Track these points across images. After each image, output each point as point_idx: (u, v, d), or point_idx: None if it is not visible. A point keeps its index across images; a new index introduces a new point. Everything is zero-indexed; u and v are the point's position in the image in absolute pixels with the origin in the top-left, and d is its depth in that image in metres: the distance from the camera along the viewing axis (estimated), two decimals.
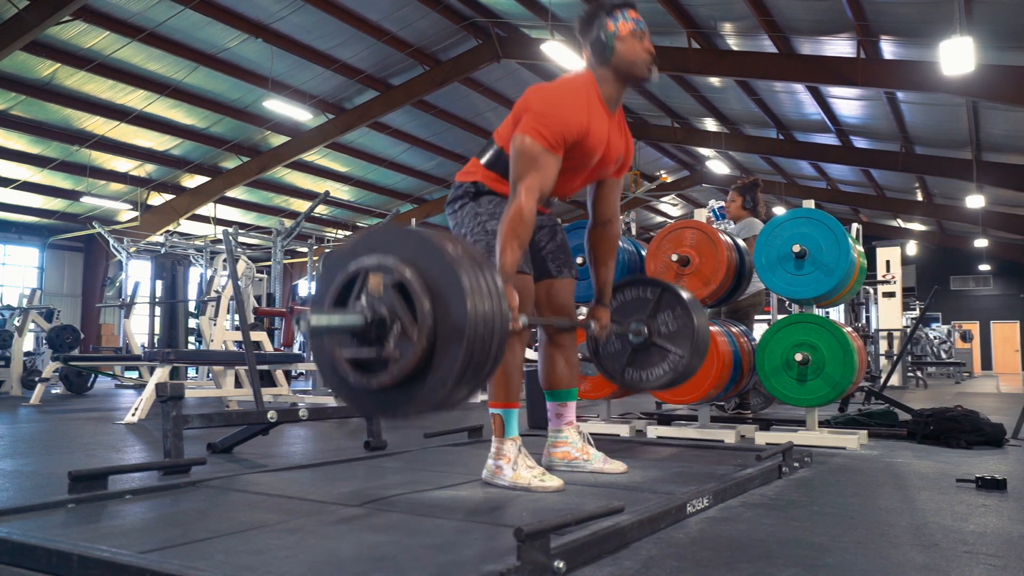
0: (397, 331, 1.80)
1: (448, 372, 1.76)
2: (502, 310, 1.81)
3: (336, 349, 1.88)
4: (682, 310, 2.98)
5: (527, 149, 2.41)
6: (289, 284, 18.83)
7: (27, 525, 1.93)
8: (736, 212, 5.12)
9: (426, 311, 1.76)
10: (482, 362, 1.79)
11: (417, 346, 1.76)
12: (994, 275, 25.18)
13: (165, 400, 3.04)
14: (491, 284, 1.80)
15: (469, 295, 1.74)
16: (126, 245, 13.20)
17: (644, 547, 1.76)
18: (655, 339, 3.05)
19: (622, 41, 2.56)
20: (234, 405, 6.43)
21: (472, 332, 1.74)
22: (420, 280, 1.79)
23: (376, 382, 1.83)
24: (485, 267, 1.83)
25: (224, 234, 5.26)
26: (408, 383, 1.81)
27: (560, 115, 2.43)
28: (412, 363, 1.77)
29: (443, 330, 1.77)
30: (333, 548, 1.73)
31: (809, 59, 11.72)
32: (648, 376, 3.08)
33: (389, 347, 1.80)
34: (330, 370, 1.94)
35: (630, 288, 3.11)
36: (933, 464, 3.23)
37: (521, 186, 2.39)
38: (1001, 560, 1.70)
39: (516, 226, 2.36)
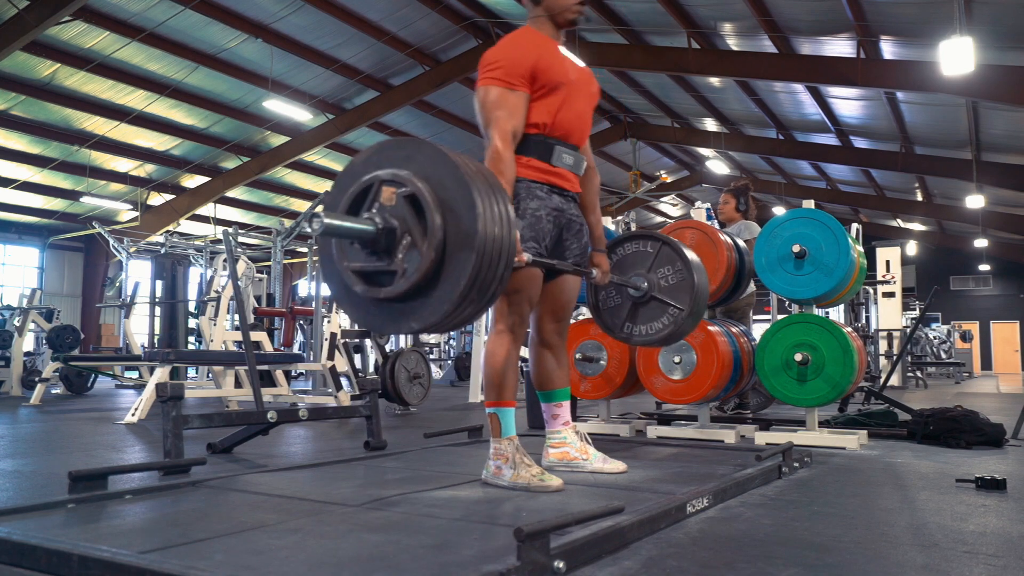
0: (407, 243, 1.79)
1: (455, 286, 1.75)
2: (511, 236, 1.81)
3: (344, 259, 1.87)
4: (682, 263, 2.99)
5: (489, 95, 2.49)
6: (289, 284, 18.83)
7: (27, 525, 1.93)
8: (730, 214, 5.13)
9: (437, 224, 1.76)
10: (488, 281, 1.79)
11: (426, 258, 1.76)
12: (994, 275, 25.18)
13: (165, 400, 3.04)
14: (503, 211, 1.81)
15: (481, 213, 1.74)
16: (126, 245, 13.18)
17: (644, 547, 1.76)
18: (655, 293, 3.04)
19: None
20: (234, 405, 6.43)
21: (481, 248, 1.73)
22: (433, 194, 1.78)
23: (383, 293, 1.82)
24: (499, 193, 1.83)
25: (224, 234, 5.26)
26: (414, 295, 1.80)
27: (505, 55, 2.52)
28: (420, 275, 1.76)
29: (453, 244, 1.76)
30: (333, 548, 1.73)
31: (809, 59, 11.72)
32: (648, 330, 3.07)
33: (398, 258, 1.79)
34: (337, 280, 1.93)
35: (630, 242, 3.10)
36: (933, 464, 3.24)
37: (492, 130, 2.45)
38: (1001, 560, 1.70)
39: (497, 167, 2.42)
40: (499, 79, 2.48)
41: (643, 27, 12.09)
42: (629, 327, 3.11)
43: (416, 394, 6.70)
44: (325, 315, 7.21)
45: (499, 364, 2.53)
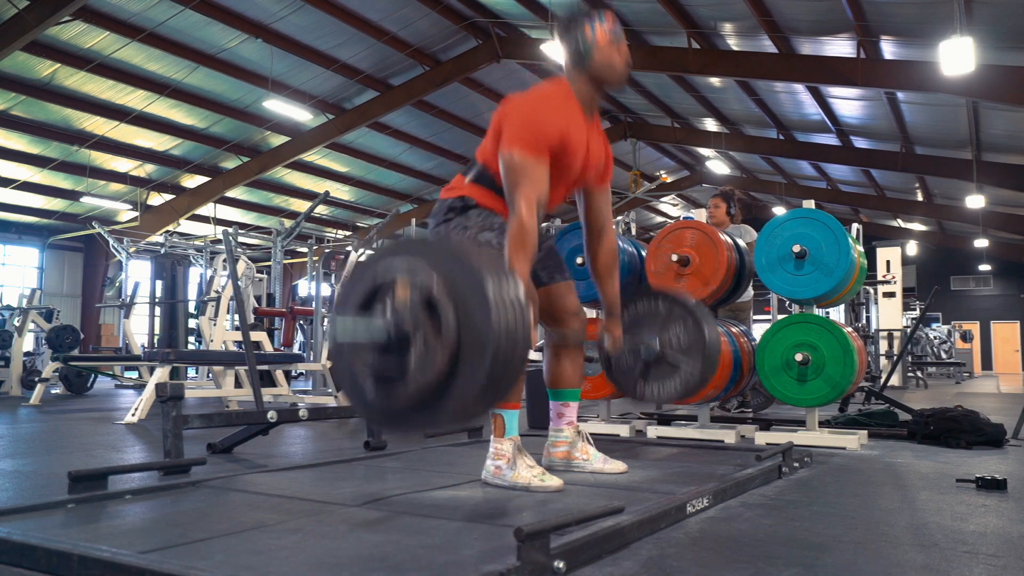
0: (420, 343, 1.77)
1: (470, 387, 1.74)
2: (525, 324, 1.79)
3: (357, 360, 1.85)
4: (693, 323, 2.99)
5: (516, 162, 2.43)
6: (289, 284, 18.82)
7: (27, 525, 1.93)
8: (720, 218, 5.16)
9: (450, 324, 1.74)
10: (503, 378, 1.77)
11: (440, 360, 1.74)
12: (994, 275, 25.17)
13: (165, 400, 3.04)
14: (515, 298, 1.78)
15: (494, 308, 1.72)
16: (126, 245, 13.19)
17: (644, 547, 1.76)
18: (667, 353, 3.06)
19: (600, 50, 2.60)
20: (234, 405, 6.43)
21: (496, 347, 1.72)
22: (446, 292, 1.76)
23: (396, 395, 1.80)
24: (511, 282, 1.81)
25: (224, 234, 5.26)
26: (429, 396, 1.78)
27: (539, 122, 2.47)
28: (434, 377, 1.75)
29: (467, 344, 1.74)
30: (333, 548, 1.73)
31: (809, 59, 11.72)
32: (661, 389, 3.09)
33: (411, 359, 1.78)
34: (350, 381, 1.91)
35: (641, 300, 3.12)
36: (933, 464, 3.23)
37: (518, 199, 2.41)
38: (1001, 560, 1.70)
39: (522, 239, 2.37)
40: (529, 147, 2.44)
41: (643, 27, 12.09)
42: (642, 386, 3.13)
43: None
44: (325, 315, 7.21)
45: None
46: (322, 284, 8.50)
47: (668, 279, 4.10)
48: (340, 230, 20.35)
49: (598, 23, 2.60)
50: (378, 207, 20.27)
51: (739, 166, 20.38)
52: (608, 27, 2.61)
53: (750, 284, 4.92)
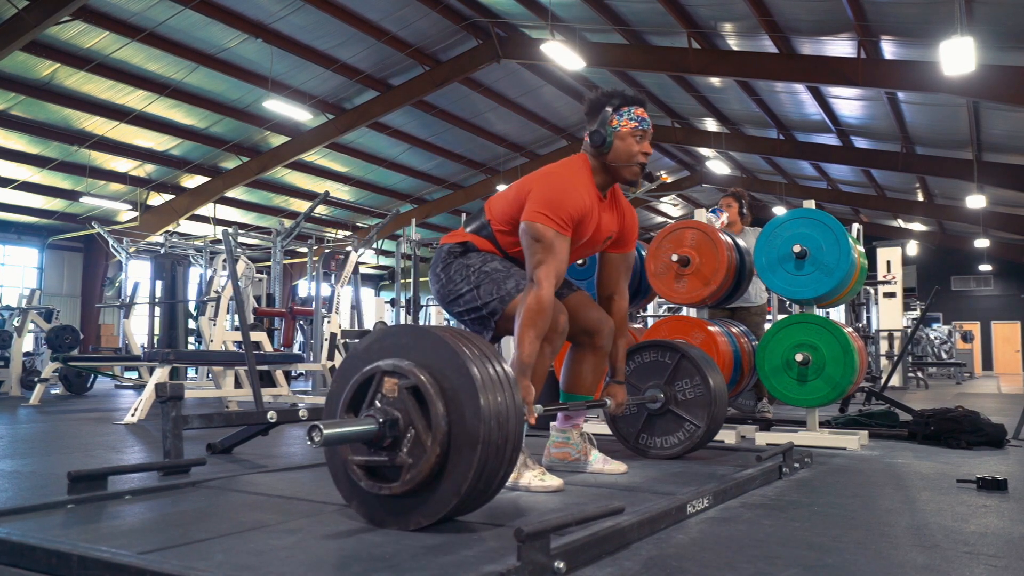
0: (411, 436, 1.80)
1: (462, 480, 1.76)
2: (516, 405, 1.82)
3: (349, 451, 1.88)
4: (700, 379, 3.00)
5: (540, 235, 2.44)
6: (289, 284, 18.82)
7: (27, 525, 1.93)
8: (733, 218, 5.15)
9: (440, 416, 1.76)
10: (496, 468, 1.80)
11: (431, 453, 1.76)
12: (995, 275, 25.17)
13: (165, 400, 3.04)
14: (503, 376, 1.82)
15: (483, 404, 1.74)
16: (126, 245, 13.18)
17: (644, 547, 1.76)
18: (672, 407, 3.06)
19: (621, 139, 2.60)
20: (234, 405, 6.43)
21: (487, 439, 1.74)
22: (435, 384, 1.79)
23: (388, 489, 1.82)
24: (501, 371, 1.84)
25: (224, 234, 5.26)
26: (420, 490, 1.80)
27: (566, 199, 2.48)
28: (426, 470, 1.77)
29: (457, 436, 1.77)
30: (333, 548, 1.73)
31: (809, 59, 11.72)
32: (662, 444, 3.12)
33: (402, 453, 1.80)
34: (343, 473, 1.93)
35: (648, 351, 3.12)
36: (934, 465, 3.23)
37: (539, 273, 2.42)
38: (1002, 561, 1.70)
39: (535, 316, 2.38)
40: (556, 223, 2.46)
41: (643, 27, 12.09)
42: (645, 439, 3.14)
43: None
44: (325, 315, 7.21)
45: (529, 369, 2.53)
46: (322, 284, 8.50)
47: (668, 279, 4.10)
48: (340, 230, 20.35)
49: (626, 113, 2.59)
50: (378, 207, 20.27)
51: (739, 166, 20.38)
52: (636, 118, 2.59)
53: (765, 288, 4.93)
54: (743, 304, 4.95)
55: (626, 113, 2.59)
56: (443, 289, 2.67)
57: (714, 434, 3.05)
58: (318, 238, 12.21)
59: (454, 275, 2.64)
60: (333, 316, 7.01)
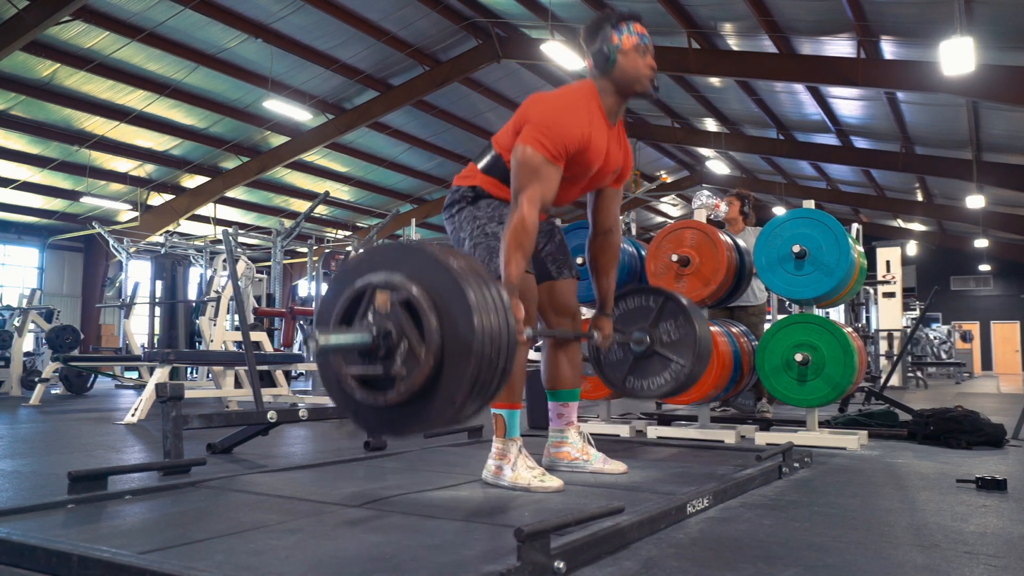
0: (404, 348, 1.79)
1: (456, 389, 1.75)
2: (509, 325, 1.80)
3: (342, 366, 1.87)
4: (684, 319, 2.98)
5: (529, 160, 2.41)
6: (289, 284, 18.82)
7: (27, 525, 1.93)
8: (734, 215, 5.15)
9: (433, 328, 1.75)
10: (489, 379, 1.79)
11: (424, 364, 1.76)
12: (994, 275, 25.17)
13: (165, 400, 3.04)
14: (497, 298, 1.79)
15: (476, 311, 1.73)
16: (126, 245, 13.19)
17: (644, 547, 1.76)
18: (657, 348, 3.05)
19: (624, 55, 2.56)
20: (234, 405, 6.43)
21: (480, 348, 1.73)
22: (427, 297, 1.78)
23: (383, 399, 1.82)
24: (491, 281, 1.82)
25: (224, 234, 5.26)
26: (415, 401, 1.80)
27: (562, 126, 2.43)
28: (419, 381, 1.76)
29: (451, 347, 1.76)
30: (333, 548, 1.73)
31: (809, 59, 11.72)
32: (650, 385, 3.09)
33: (396, 364, 1.79)
34: (336, 387, 1.93)
35: (633, 296, 3.11)
36: (933, 464, 3.23)
37: (523, 197, 2.39)
38: (1001, 560, 1.70)
39: (519, 236, 2.36)
40: (546, 148, 2.40)
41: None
42: (631, 381, 3.12)
43: None
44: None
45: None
46: (322, 284, 8.50)
47: (668, 279, 4.10)
48: (340, 230, 20.35)
49: (625, 29, 2.57)
50: (378, 207, 20.27)
51: (739, 166, 20.38)
52: (636, 33, 2.58)
53: (764, 288, 4.93)
54: (742, 304, 4.95)
55: (626, 29, 2.57)
56: (453, 234, 2.69)
57: (700, 374, 3.01)
58: (318, 238, 12.24)
59: (463, 223, 2.63)
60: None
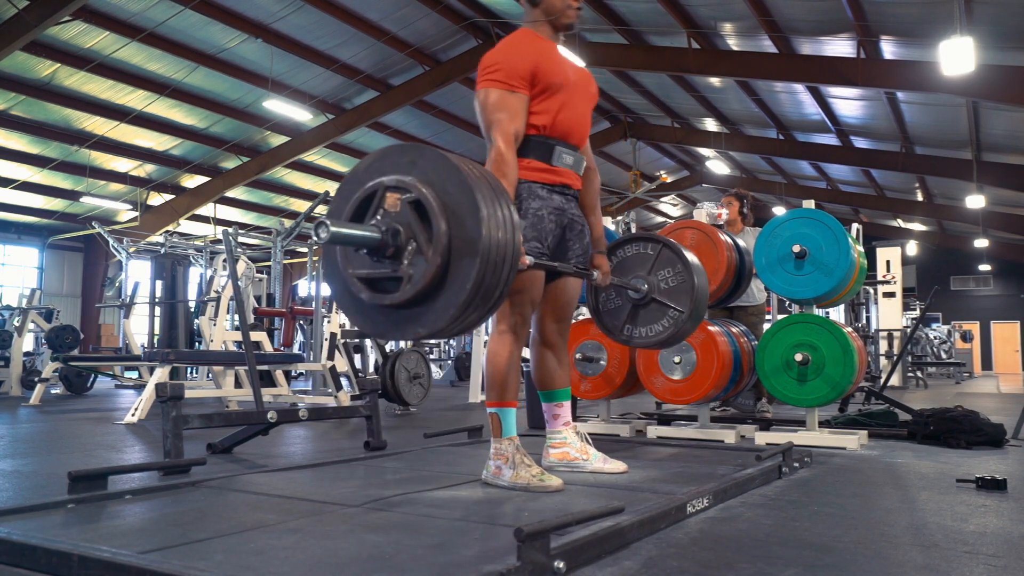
0: (412, 249, 1.80)
1: (460, 291, 1.77)
2: (515, 239, 1.82)
3: (349, 266, 1.89)
4: (682, 266, 2.98)
5: (490, 98, 2.50)
6: (289, 284, 18.83)
7: (27, 525, 1.93)
8: (733, 216, 5.16)
9: (442, 230, 1.77)
10: (492, 286, 1.80)
11: (431, 264, 1.77)
12: (994, 275, 25.17)
13: (165, 400, 3.04)
14: (506, 216, 1.82)
15: (485, 218, 1.75)
16: (126, 245, 13.19)
17: (644, 547, 1.76)
18: (655, 295, 3.04)
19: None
20: (234, 405, 6.43)
21: (485, 253, 1.75)
22: (437, 199, 1.79)
23: (389, 299, 1.83)
24: (502, 197, 1.84)
25: (224, 234, 5.26)
26: (420, 301, 1.81)
27: (504, 57, 2.54)
28: (426, 281, 1.78)
29: (457, 250, 1.78)
30: (333, 548, 1.73)
31: (809, 59, 11.72)
32: (648, 332, 3.07)
33: (403, 264, 1.80)
34: (342, 286, 1.94)
35: (630, 244, 3.10)
36: (933, 464, 3.23)
37: (494, 132, 2.47)
38: (1001, 560, 1.70)
39: (501, 169, 2.43)
40: (499, 81, 2.50)
41: (643, 27, 12.09)
42: (629, 329, 3.10)
43: (416, 394, 6.70)
44: (325, 315, 7.21)
45: (502, 364, 2.53)
46: (322, 284, 8.49)
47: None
48: None
49: None
50: None
51: (739, 166, 20.38)
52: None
53: (764, 288, 4.93)
54: (742, 304, 4.95)
55: None
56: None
57: (699, 320, 3.00)
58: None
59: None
60: (333, 316, 7.01)
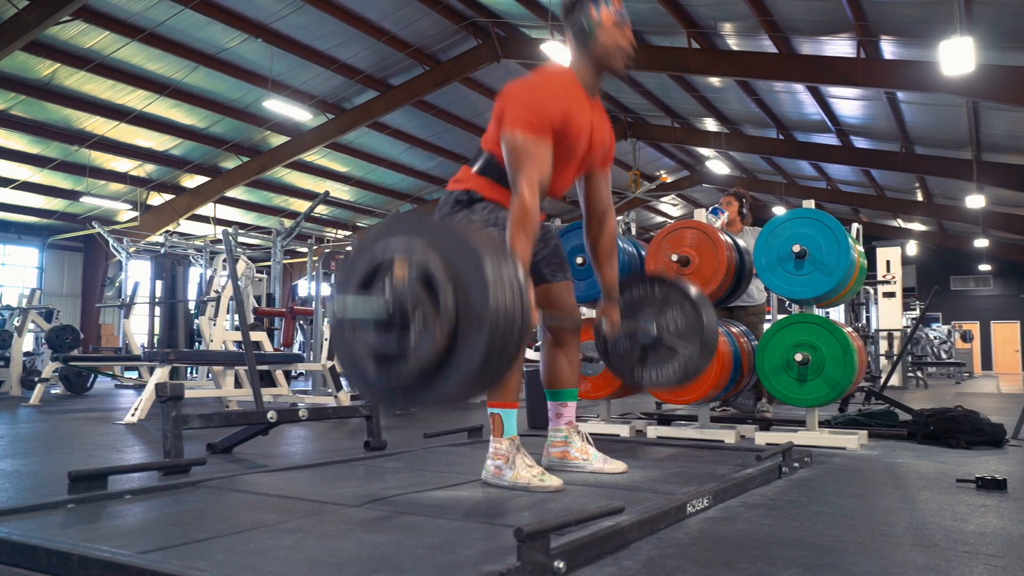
0: (419, 321, 1.79)
1: (469, 364, 1.75)
2: (523, 304, 1.79)
3: (357, 337, 1.87)
4: (691, 307, 2.97)
5: (518, 142, 2.43)
6: (289, 284, 18.83)
7: (27, 525, 1.93)
8: (733, 216, 5.15)
9: (449, 302, 1.75)
10: (502, 356, 1.78)
11: (438, 338, 1.75)
12: (994, 275, 25.17)
13: (165, 400, 3.04)
14: (513, 278, 1.79)
15: (492, 287, 1.73)
16: (126, 245, 13.19)
17: (644, 547, 1.76)
18: (664, 337, 3.03)
19: (603, 30, 2.58)
20: (234, 405, 6.43)
21: (494, 325, 1.73)
22: (445, 270, 1.78)
23: (395, 372, 1.82)
24: (509, 261, 1.82)
25: (224, 234, 5.26)
26: (428, 375, 1.80)
27: (540, 102, 2.46)
28: (433, 355, 1.76)
29: (465, 322, 1.75)
30: (333, 548, 1.73)
31: (809, 59, 11.72)
32: (658, 375, 3.07)
33: (410, 337, 1.79)
34: (349, 358, 1.92)
35: (637, 286, 3.10)
36: (933, 464, 3.23)
37: (521, 180, 2.40)
38: (1001, 560, 1.70)
39: (523, 220, 2.37)
40: (531, 127, 2.43)
41: (643, 27, 12.08)
42: (640, 372, 3.11)
43: None
44: (325, 315, 7.21)
45: None
46: (322, 284, 8.50)
47: None
48: (340, 230, 20.36)
49: (603, 4, 2.58)
50: (378, 207, 20.27)
51: (739, 166, 20.38)
52: (614, 8, 2.59)
53: (764, 287, 4.93)
54: (742, 304, 4.95)
55: (603, 4, 2.59)
56: None
57: (710, 357, 2.99)
58: (318, 238, 12.24)
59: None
60: None
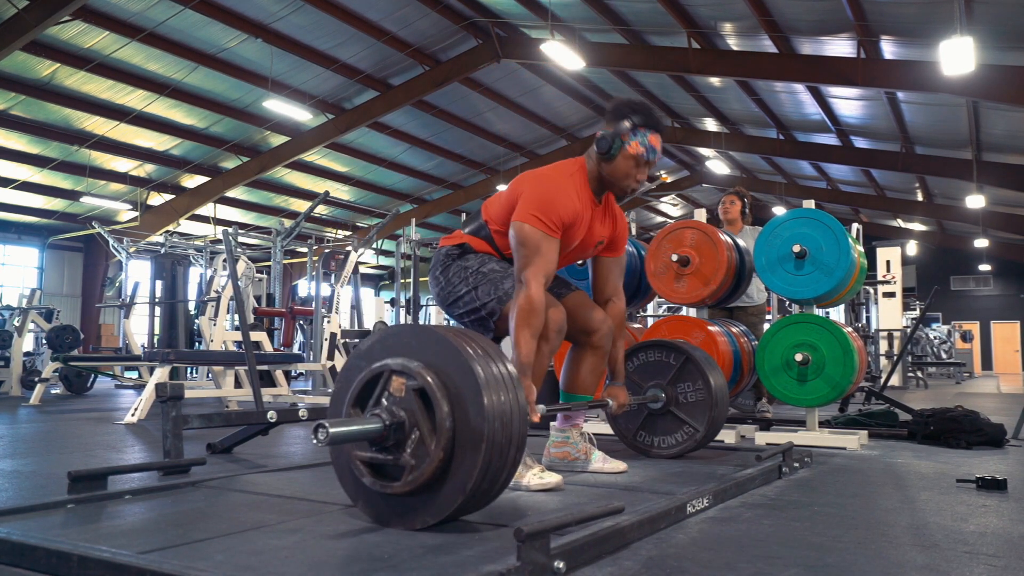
0: (415, 437, 1.81)
1: (465, 481, 1.77)
2: (520, 406, 1.83)
3: (354, 451, 1.89)
4: (703, 383, 3.01)
5: (529, 236, 2.46)
6: (289, 284, 18.82)
7: (27, 525, 1.93)
8: (735, 216, 5.15)
9: (445, 419, 1.77)
10: (499, 470, 1.81)
11: (434, 456, 1.78)
12: (994, 275, 25.17)
13: (165, 400, 3.04)
14: (510, 394, 1.83)
15: (487, 408, 1.76)
16: (126, 245, 13.19)
17: (644, 547, 1.76)
18: (673, 408, 3.06)
19: (625, 157, 2.59)
20: (234, 405, 6.43)
21: (491, 441, 1.76)
22: (441, 386, 1.80)
23: (392, 487, 1.84)
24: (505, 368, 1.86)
25: (224, 234, 5.26)
26: (424, 490, 1.82)
27: (556, 200, 2.50)
28: (429, 471, 1.78)
29: (461, 439, 1.78)
30: (333, 548, 1.73)
31: (809, 59, 11.72)
32: (661, 443, 3.13)
33: (407, 453, 1.81)
34: (347, 469, 1.94)
35: (653, 350, 3.12)
36: (933, 464, 3.23)
37: (527, 274, 2.44)
38: (1001, 560, 1.70)
39: (528, 316, 2.40)
40: (544, 223, 2.47)
41: (643, 27, 12.09)
42: (643, 436, 3.14)
43: None
44: (325, 315, 7.21)
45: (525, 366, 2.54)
46: (322, 284, 8.50)
47: (668, 279, 4.10)
48: (340, 230, 20.35)
49: (640, 136, 2.58)
50: (378, 207, 20.27)
51: (739, 166, 20.38)
52: (648, 145, 2.59)
53: (764, 288, 4.93)
54: (742, 304, 4.95)
55: (640, 135, 2.58)
56: (443, 291, 2.69)
57: (712, 437, 3.06)
58: (318, 238, 12.23)
59: (452, 277, 2.66)
60: (333, 316, 7.02)
